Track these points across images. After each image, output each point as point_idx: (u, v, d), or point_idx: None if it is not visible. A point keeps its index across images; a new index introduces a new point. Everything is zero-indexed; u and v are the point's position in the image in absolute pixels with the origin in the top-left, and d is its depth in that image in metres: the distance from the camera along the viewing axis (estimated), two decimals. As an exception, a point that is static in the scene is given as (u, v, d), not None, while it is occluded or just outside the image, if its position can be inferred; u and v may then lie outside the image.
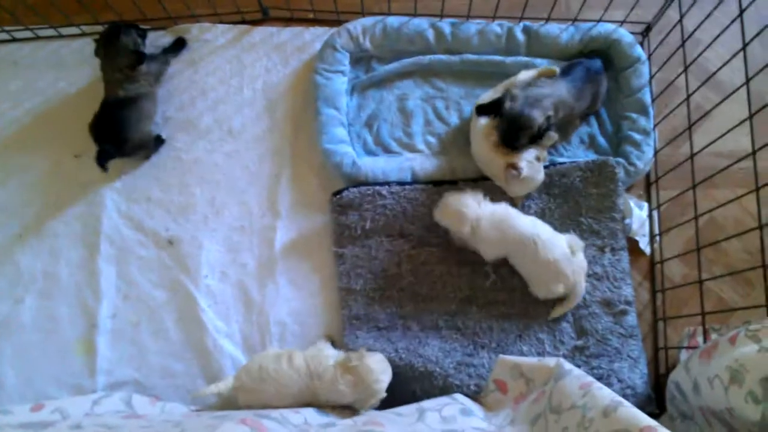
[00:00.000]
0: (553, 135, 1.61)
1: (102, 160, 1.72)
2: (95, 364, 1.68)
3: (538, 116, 1.55)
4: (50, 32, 1.96)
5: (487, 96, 1.70)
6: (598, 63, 1.71)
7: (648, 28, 1.86)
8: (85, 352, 1.70)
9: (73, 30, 1.95)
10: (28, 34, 1.96)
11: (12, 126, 1.90)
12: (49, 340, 1.72)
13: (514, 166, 1.58)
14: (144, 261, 1.76)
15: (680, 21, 1.65)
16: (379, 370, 1.47)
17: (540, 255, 1.54)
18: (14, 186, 1.85)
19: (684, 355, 1.55)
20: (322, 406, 1.49)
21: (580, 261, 1.57)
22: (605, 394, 1.17)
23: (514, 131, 1.57)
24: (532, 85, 1.64)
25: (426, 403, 1.44)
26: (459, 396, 1.50)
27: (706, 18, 1.58)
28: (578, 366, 1.43)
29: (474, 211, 1.57)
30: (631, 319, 1.61)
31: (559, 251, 1.55)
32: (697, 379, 1.27)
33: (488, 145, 1.63)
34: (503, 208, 1.61)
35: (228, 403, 1.60)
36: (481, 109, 1.66)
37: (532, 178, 1.62)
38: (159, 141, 1.83)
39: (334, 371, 1.46)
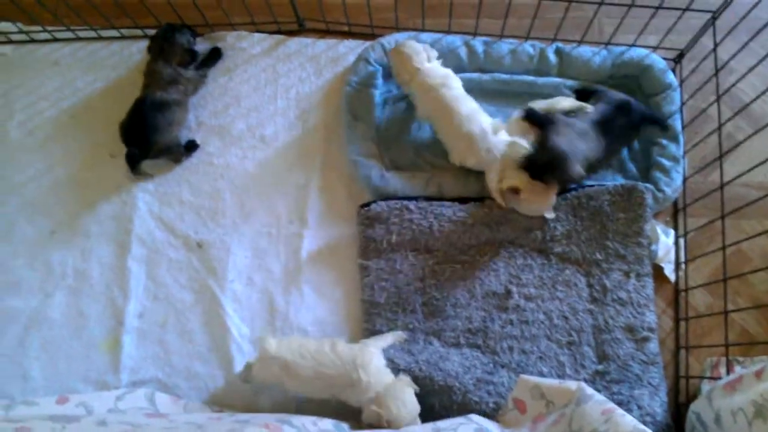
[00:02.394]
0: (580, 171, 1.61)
1: (130, 162, 1.78)
2: (120, 362, 1.71)
3: (577, 170, 1.55)
4: (90, 34, 2.00)
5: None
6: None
7: (681, 55, 1.86)
8: (110, 350, 1.73)
9: (113, 32, 1.99)
10: (68, 34, 2.01)
11: (49, 125, 1.95)
12: (76, 336, 1.74)
13: (514, 191, 1.61)
14: (173, 263, 1.79)
15: (714, 50, 1.65)
16: (408, 406, 1.46)
17: (456, 126, 1.64)
18: (49, 184, 1.89)
19: (706, 385, 1.55)
20: (350, 402, 1.51)
21: (499, 140, 1.64)
22: (627, 421, 1.17)
23: (550, 170, 1.58)
24: (574, 127, 1.62)
25: (441, 423, 1.44)
26: (474, 416, 1.50)
27: (741, 48, 1.58)
28: (598, 391, 1.43)
29: (418, 63, 1.67)
30: (654, 346, 1.61)
31: (477, 127, 1.63)
32: (720, 411, 1.27)
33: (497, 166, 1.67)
34: (444, 73, 1.71)
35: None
36: (532, 114, 1.67)
37: (538, 201, 1.63)
38: (193, 146, 1.87)
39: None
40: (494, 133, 1.65)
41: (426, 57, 1.71)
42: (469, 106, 1.67)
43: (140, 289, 1.78)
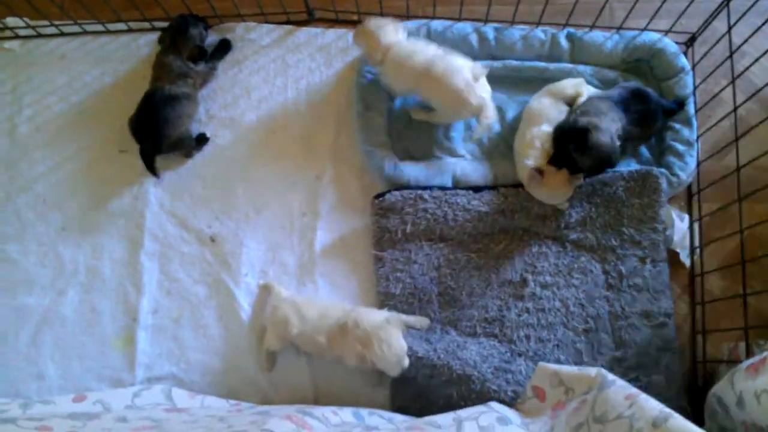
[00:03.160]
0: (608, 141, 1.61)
1: (145, 159, 1.77)
2: (135, 359, 1.71)
3: (604, 140, 1.54)
4: (98, 27, 1.98)
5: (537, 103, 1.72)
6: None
7: (692, 39, 1.85)
8: (125, 346, 1.73)
9: (121, 26, 1.98)
10: (75, 28, 1.99)
11: (58, 119, 1.93)
12: (90, 333, 1.74)
13: (539, 171, 1.60)
14: (186, 257, 1.79)
15: (728, 32, 1.64)
16: (393, 346, 1.46)
17: (440, 87, 1.63)
18: (59, 179, 1.88)
19: (724, 369, 1.55)
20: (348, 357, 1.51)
21: (483, 86, 1.65)
22: (653, 405, 1.17)
23: (601, 166, 1.59)
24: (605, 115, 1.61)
25: (462, 413, 1.44)
26: (494, 404, 1.51)
27: (754, 32, 1.57)
28: (616, 377, 1.43)
29: (388, 38, 1.67)
30: (670, 331, 1.61)
31: (461, 79, 1.62)
32: (743, 393, 1.27)
33: (525, 144, 1.67)
34: (413, 41, 1.72)
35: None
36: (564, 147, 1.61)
37: (559, 187, 1.63)
38: (204, 139, 1.85)
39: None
40: (476, 80, 1.64)
41: (394, 30, 1.70)
42: (445, 63, 1.65)
43: (153, 284, 1.77)
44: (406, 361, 1.47)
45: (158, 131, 1.75)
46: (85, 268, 1.80)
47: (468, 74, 1.64)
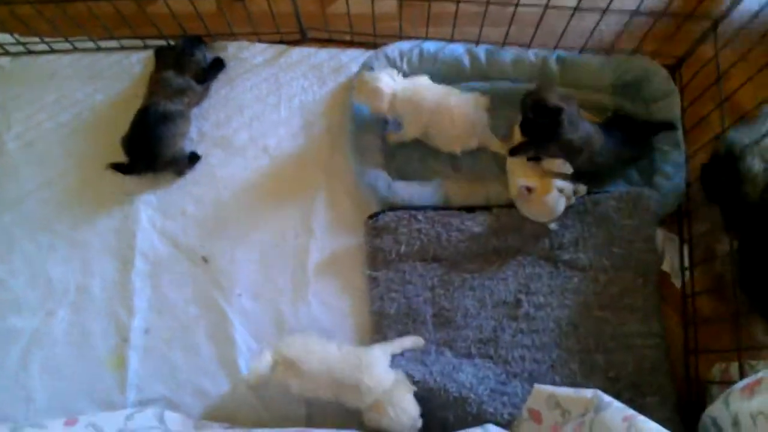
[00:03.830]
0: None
1: (131, 173, 1.76)
2: (126, 380, 1.68)
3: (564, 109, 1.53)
4: (89, 45, 1.97)
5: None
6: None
7: (680, 62, 1.88)
8: (116, 367, 1.70)
9: (113, 43, 1.97)
10: (66, 45, 1.97)
11: (47, 137, 1.91)
12: (80, 355, 1.72)
13: (528, 188, 1.61)
14: (178, 277, 1.77)
15: (716, 56, 1.68)
16: (403, 412, 1.46)
17: (452, 121, 1.69)
18: (48, 197, 1.86)
19: (716, 390, 1.56)
20: (351, 404, 1.51)
21: (482, 117, 1.73)
22: (651, 426, 1.17)
23: (546, 129, 1.56)
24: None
25: None
26: (491, 427, 1.50)
27: (739, 60, 1.60)
28: (611, 398, 1.44)
29: (389, 86, 1.69)
30: (663, 352, 1.63)
31: (471, 112, 1.70)
32: (738, 415, 1.28)
33: (517, 164, 1.69)
34: (414, 80, 1.74)
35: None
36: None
37: (547, 206, 1.63)
38: (195, 157, 1.85)
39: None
40: (483, 109, 1.73)
41: (390, 77, 1.72)
42: (455, 98, 1.71)
43: (145, 304, 1.76)
44: (420, 423, 1.48)
45: (153, 150, 1.74)
46: (75, 287, 1.77)
47: (474, 105, 1.71)
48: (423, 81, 1.74)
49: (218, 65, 1.92)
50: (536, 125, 1.57)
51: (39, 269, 1.79)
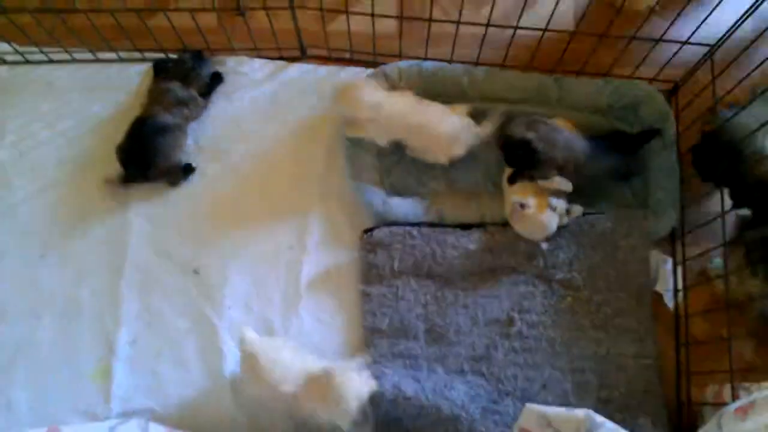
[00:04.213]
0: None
1: (125, 182, 1.77)
2: (110, 391, 1.66)
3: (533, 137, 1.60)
4: (87, 56, 1.98)
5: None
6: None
7: (676, 87, 1.90)
8: (101, 379, 1.67)
9: (111, 55, 1.97)
10: (65, 56, 1.97)
11: (42, 146, 1.90)
12: (65, 364, 1.69)
13: (522, 205, 1.62)
14: (168, 289, 1.75)
15: (712, 82, 1.69)
16: (348, 387, 1.41)
17: (435, 132, 1.70)
18: (40, 206, 1.84)
19: (709, 411, 1.55)
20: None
21: (466, 125, 1.73)
22: (643, 447, 1.17)
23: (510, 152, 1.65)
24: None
25: None
26: None
27: (737, 84, 1.62)
28: (602, 419, 1.43)
29: (374, 97, 1.69)
30: (655, 373, 1.62)
31: (454, 122, 1.71)
32: (731, 437, 1.27)
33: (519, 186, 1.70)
34: (398, 96, 1.74)
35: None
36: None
37: (541, 223, 1.64)
38: (189, 169, 1.84)
39: (311, 382, 1.44)
40: (464, 115, 1.75)
41: (374, 87, 1.74)
42: (434, 110, 1.73)
43: (133, 315, 1.73)
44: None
45: (148, 160, 1.74)
46: (63, 296, 1.75)
47: (455, 116, 1.72)
48: (402, 94, 1.76)
49: (217, 79, 1.93)
50: (515, 158, 1.65)
51: (27, 277, 1.77)
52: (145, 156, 1.74)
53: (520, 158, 1.64)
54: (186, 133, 1.85)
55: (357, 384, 1.43)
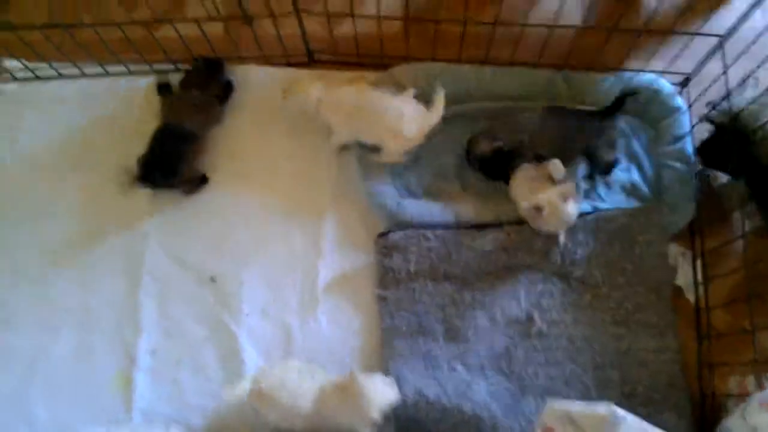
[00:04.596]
0: (556, 162, 1.66)
1: (145, 185, 1.76)
2: (132, 401, 1.66)
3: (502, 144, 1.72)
4: (97, 70, 1.98)
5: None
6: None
7: (687, 80, 1.89)
8: (121, 389, 1.68)
9: (120, 68, 1.98)
10: (74, 71, 1.98)
11: (56, 161, 1.91)
12: (84, 375, 1.70)
13: (537, 208, 1.61)
14: (186, 297, 1.75)
15: (725, 72, 1.68)
16: (372, 390, 1.42)
17: (390, 123, 1.69)
18: (55, 217, 1.85)
19: (732, 403, 1.54)
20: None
21: (419, 108, 1.72)
22: (669, 440, 1.16)
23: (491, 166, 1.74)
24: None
25: None
26: None
27: (748, 76, 1.60)
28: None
29: (317, 89, 1.74)
30: (677, 367, 1.61)
31: (410, 109, 1.71)
32: (758, 427, 1.26)
33: (520, 187, 1.69)
34: (342, 87, 1.77)
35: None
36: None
37: (561, 216, 1.62)
38: (204, 179, 1.85)
39: (334, 389, 1.45)
40: (418, 104, 1.74)
41: (316, 87, 1.77)
42: (386, 100, 1.73)
43: (152, 324, 1.74)
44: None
45: (174, 168, 1.74)
46: (80, 307, 1.76)
47: (410, 104, 1.72)
48: (351, 88, 1.77)
49: (230, 88, 1.93)
50: (497, 169, 1.74)
51: (43, 288, 1.78)
52: (171, 163, 1.74)
53: (501, 166, 1.71)
54: (205, 140, 1.86)
55: (379, 389, 1.43)
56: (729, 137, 1.61)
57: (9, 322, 1.76)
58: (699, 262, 1.73)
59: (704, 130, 1.74)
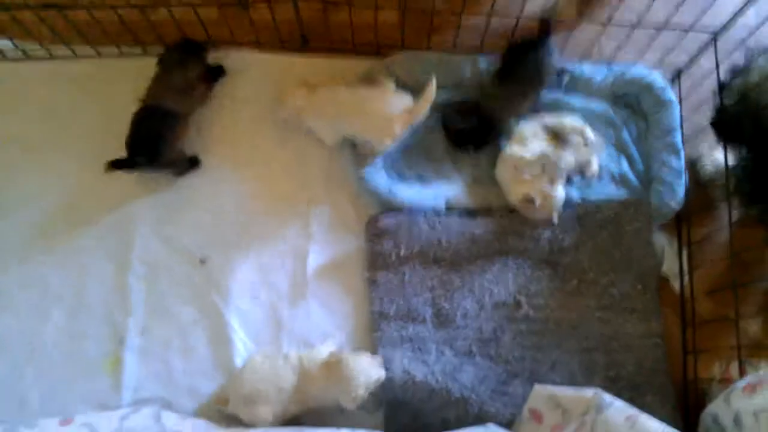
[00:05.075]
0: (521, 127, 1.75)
1: (131, 168, 1.74)
2: (121, 382, 1.66)
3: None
4: (89, 51, 1.97)
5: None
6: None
7: (679, 73, 1.91)
8: (112, 370, 1.67)
9: (112, 50, 1.97)
10: (66, 52, 1.96)
11: (44, 142, 1.89)
12: (75, 357, 1.69)
13: (528, 199, 1.64)
14: (175, 279, 1.75)
15: (716, 69, 1.70)
16: (358, 368, 1.45)
17: (375, 114, 1.71)
18: (44, 202, 1.83)
19: (716, 389, 1.57)
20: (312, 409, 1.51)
21: (400, 96, 1.74)
22: (655, 425, 1.18)
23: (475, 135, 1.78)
24: None
25: None
26: (493, 426, 1.49)
27: (738, 74, 1.61)
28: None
29: (302, 91, 1.76)
30: (661, 353, 1.64)
31: (392, 100, 1.72)
32: (740, 413, 1.28)
33: (507, 174, 1.72)
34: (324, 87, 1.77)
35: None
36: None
37: (552, 204, 1.68)
38: (195, 162, 1.84)
39: (320, 368, 1.48)
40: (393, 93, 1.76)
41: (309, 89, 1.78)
42: (367, 100, 1.74)
43: (141, 306, 1.73)
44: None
45: (156, 147, 1.73)
46: (71, 290, 1.74)
47: (390, 94, 1.74)
48: (331, 90, 1.78)
49: (219, 71, 1.93)
50: (480, 137, 1.79)
51: (33, 271, 1.77)
52: (152, 143, 1.72)
53: (483, 129, 1.76)
54: (189, 122, 1.85)
55: (367, 368, 1.45)
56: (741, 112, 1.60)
57: (1, 307, 1.74)
58: (685, 251, 1.75)
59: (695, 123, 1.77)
